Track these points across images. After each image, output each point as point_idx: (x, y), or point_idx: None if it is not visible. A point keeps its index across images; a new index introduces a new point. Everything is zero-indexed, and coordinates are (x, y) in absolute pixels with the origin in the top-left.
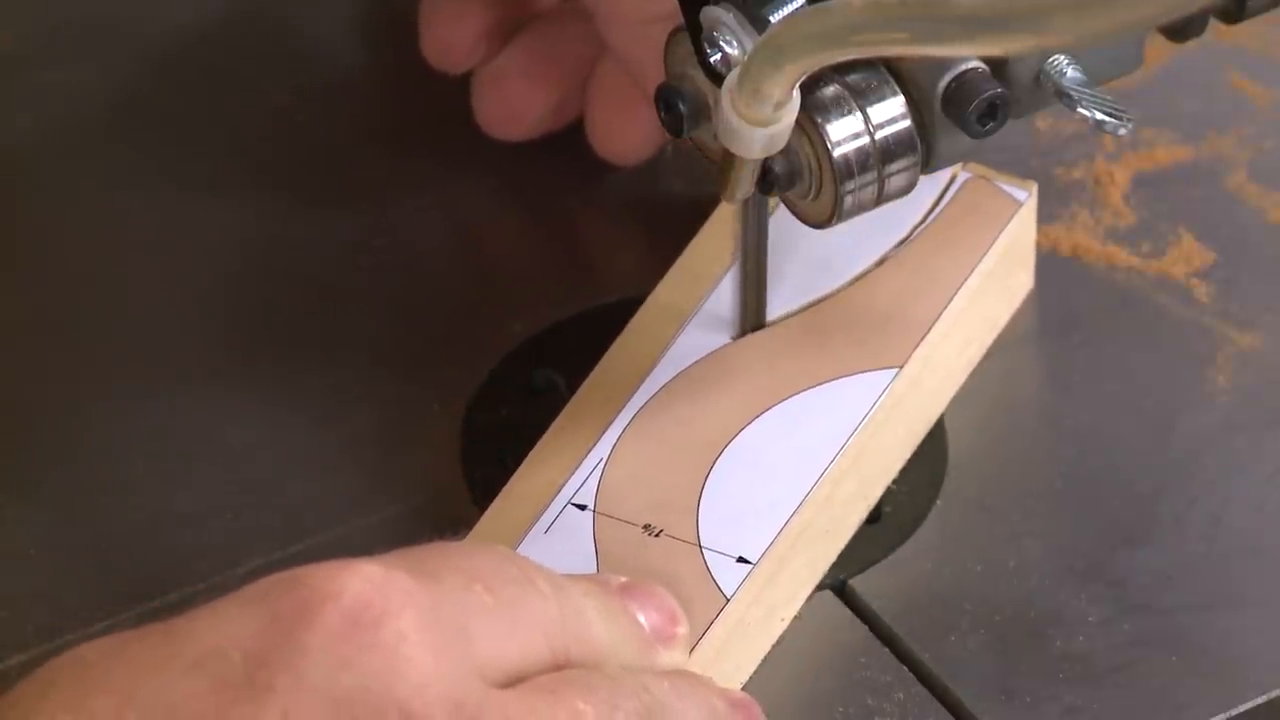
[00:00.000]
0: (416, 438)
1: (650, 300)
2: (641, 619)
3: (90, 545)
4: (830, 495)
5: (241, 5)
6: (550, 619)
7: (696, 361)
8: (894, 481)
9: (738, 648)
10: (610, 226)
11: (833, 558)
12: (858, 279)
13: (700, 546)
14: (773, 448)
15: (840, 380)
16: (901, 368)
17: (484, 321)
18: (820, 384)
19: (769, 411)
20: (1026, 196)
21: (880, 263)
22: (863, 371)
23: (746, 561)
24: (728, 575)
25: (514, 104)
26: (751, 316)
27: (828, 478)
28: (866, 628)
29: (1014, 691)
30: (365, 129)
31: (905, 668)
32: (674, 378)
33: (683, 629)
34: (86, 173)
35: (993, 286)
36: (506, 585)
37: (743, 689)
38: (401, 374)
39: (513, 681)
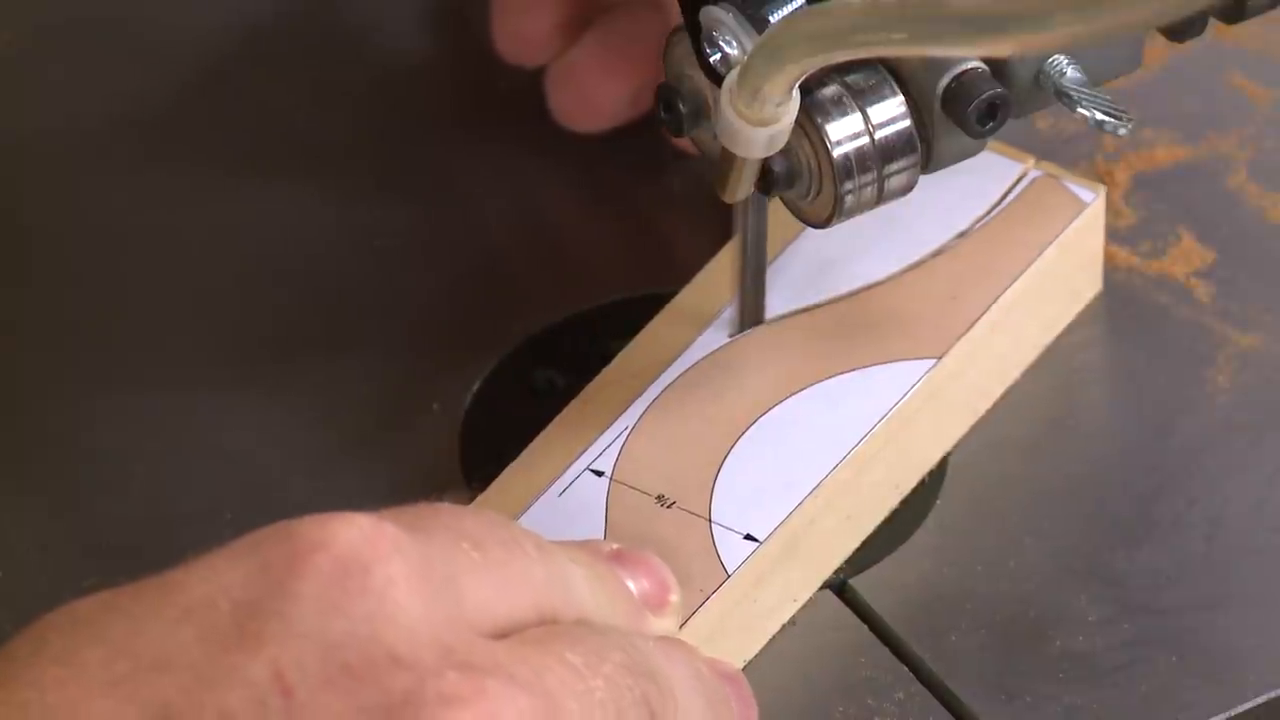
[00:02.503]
0: (416, 438)
1: (678, 298)
2: (631, 586)
3: (90, 545)
4: (853, 480)
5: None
6: (537, 581)
7: (734, 340)
8: None
9: (741, 626)
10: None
11: (855, 544)
12: (910, 268)
13: (710, 521)
14: (799, 429)
15: (876, 367)
16: (940, 358)
17: (484, 321)
18: (856, 369)
19: (800, 393)
20: (1093, 198)
21: (936, 253)
22: (900, 360)
23: (754, 539)
24: (732, 551)
25: (589, 96)
26: (750, 315)
27: (851, 462)
28: (866, 627)
29: (1014, 691)
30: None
31: (905, 668)
32: (708, 355)
33: (675, 596)
34: (87, 173)
35: (1051, 285)
36: (494, 546)
37: (745, 674)
38: (402, 374)
39: (500, 637)
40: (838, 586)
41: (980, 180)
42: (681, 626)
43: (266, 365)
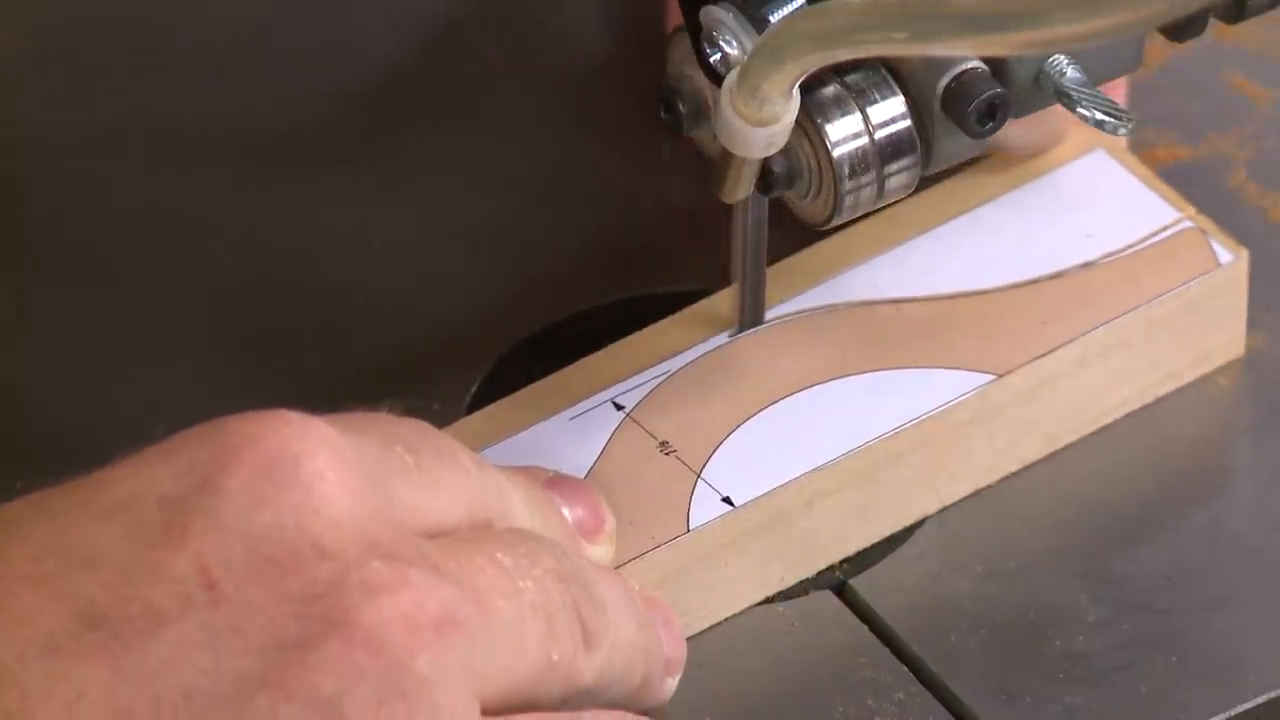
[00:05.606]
0: None
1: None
2: (567, 514)
3: None
4: (870, 473)
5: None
6: (472, 491)
7: (808, 312)
8: None
9: (708, 586)
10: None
11: (871, 538)
12: (1018, 285)
13: (698, 476)
14: (829, 411)
15: (935, 370)
16: (1001, 376)
17: (484, 321)
18: (913, 367)
19: (845, 378)
20: (1232, 259)
21: (1051, 276)
22: (961, 368)
23: (730, 503)
24: (703, 510)
25: None
26: (749, 316)
27: (867, 453)
28: (866, 628)
29: (1014, 691)
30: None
31: (905, 668)
32: (777, 322)
33: (609, 525)
34: (87, 173)
35: (1165, 337)
36: (428, 453)
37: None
38: (401, 374)
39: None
40: (838, 586)
41: (1128, 218)
42: (621, 565)
43: (266, 365)
